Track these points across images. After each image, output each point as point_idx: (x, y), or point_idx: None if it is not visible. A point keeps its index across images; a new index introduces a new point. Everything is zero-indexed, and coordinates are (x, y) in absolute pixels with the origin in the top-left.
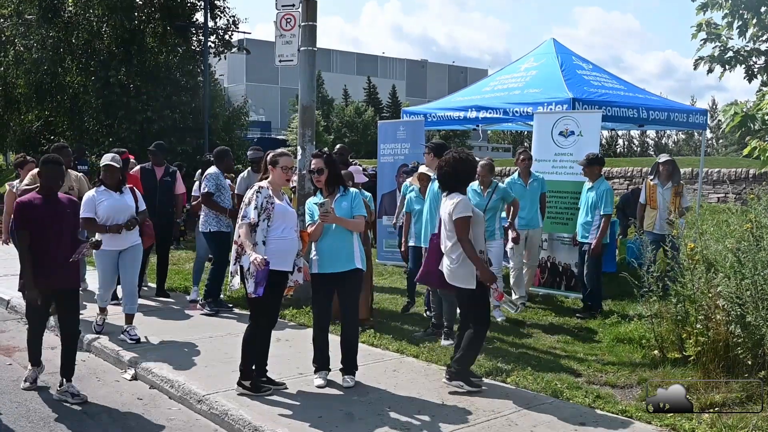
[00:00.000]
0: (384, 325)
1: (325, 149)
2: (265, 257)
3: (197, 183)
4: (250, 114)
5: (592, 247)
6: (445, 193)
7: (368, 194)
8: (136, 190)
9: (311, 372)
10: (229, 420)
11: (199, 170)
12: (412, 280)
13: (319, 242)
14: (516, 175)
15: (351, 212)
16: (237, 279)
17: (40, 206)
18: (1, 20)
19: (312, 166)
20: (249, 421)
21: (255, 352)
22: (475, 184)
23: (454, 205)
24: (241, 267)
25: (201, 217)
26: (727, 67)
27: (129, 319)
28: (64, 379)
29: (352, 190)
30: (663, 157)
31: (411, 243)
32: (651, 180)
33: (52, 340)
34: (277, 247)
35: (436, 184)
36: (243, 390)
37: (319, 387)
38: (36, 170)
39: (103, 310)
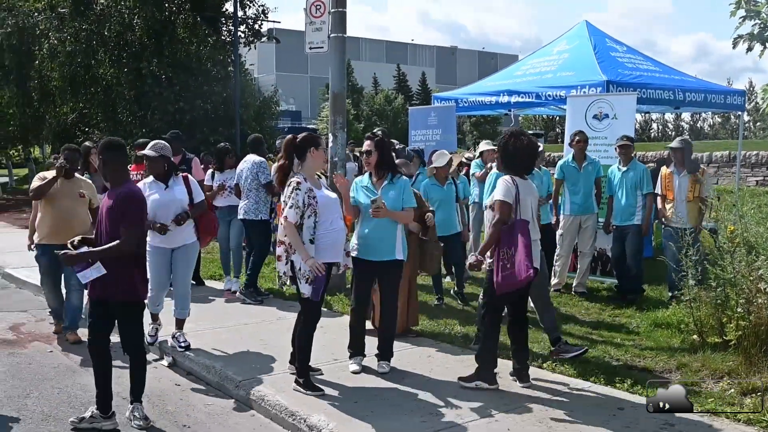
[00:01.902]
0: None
1: (379, 132)
2: (324, 263)
3: (210, 171)
4: (281, 104)
5: (644, 228)
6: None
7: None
8: (191, 179)
9: (346, 358)
10: (266, 405)
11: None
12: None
13: (363, 228)
14: (570, 157)
15: (400, 203)
16: (287, 279)
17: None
18: (36, 14)
19: (363, 148)
20: (285, 406)
21: (310, 349)
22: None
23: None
24: (292, 264)
25: (248, 205)
26: (767, 44)
27: (179, 324)
28: (132, 400)
29: (403, 178)
30: (675, 143)
31: None
32: (668, 168)
33: None
34: (330, 240)
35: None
36: (298, 387)
37: (354, 372)
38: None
39: (155, 318)
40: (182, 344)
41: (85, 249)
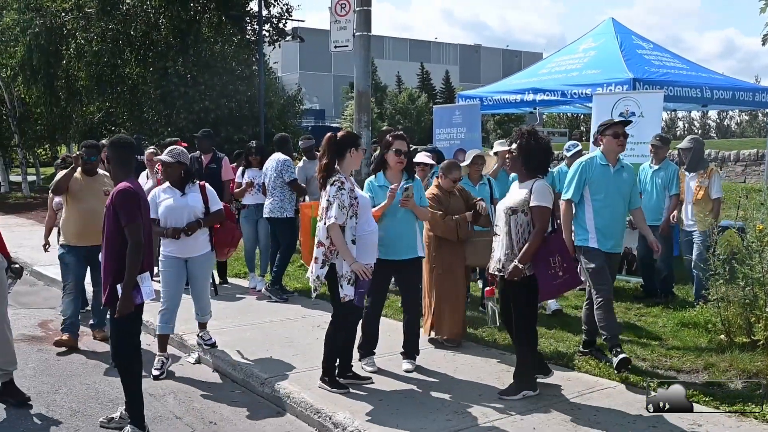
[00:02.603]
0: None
1: (401, 130)
2: (369, 265)
3: (241, 169)
4: (304, 102)
5: (661, 227)
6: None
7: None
8: (209, 188)
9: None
10: (292, 403)
11: (243, 156)
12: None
13: (383, 228)
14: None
15: (418, 201)
16: (318, 283)
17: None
18: (63, 14)
19: (398, 147)
20: (311, 404)
21: (338, 348)
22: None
23: None
24: (332, 268)
25: (273, 203)
26: None
27: (202, 325)
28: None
29: (417, 178)
30: (684, 143)
31: None
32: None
33: None
34: (370, 241)
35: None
36: (324, 385)
37: (371, 372)
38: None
39: (164, 346)
40: (208, 342)
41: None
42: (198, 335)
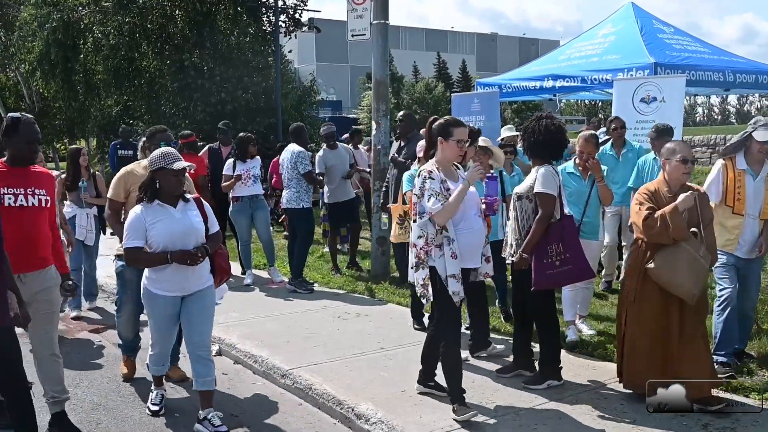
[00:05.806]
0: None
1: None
2: (462, 268)
3: (231, 161)
4: (320, 92)
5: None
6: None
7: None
8: (204, 203)
9: (393, 346)
10: (313, 394)
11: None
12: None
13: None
14: (608, 145)
15: None
16: (422, 289)
17: None
18: (80, 8)
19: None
20: (333, 395)
21: (460, 362)
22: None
23: None
24: (432, 270)
25: (290, 194)
26: None
27: (206, 399)
28: None
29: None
30: (763, 131)
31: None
32: (729, 160)
33: None
34: (466, 240)
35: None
36: (426, 389)
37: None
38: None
39: (159, 382)
40: (218, 429)
41: None
42: (202, 419)
